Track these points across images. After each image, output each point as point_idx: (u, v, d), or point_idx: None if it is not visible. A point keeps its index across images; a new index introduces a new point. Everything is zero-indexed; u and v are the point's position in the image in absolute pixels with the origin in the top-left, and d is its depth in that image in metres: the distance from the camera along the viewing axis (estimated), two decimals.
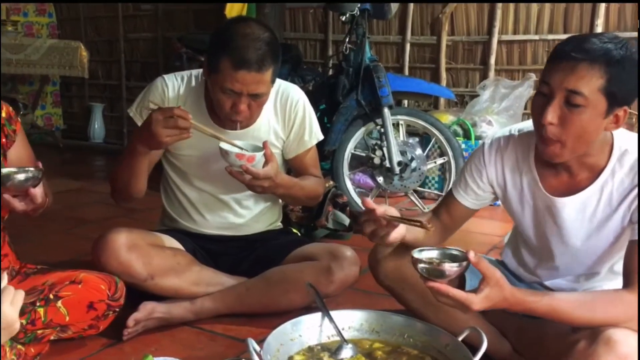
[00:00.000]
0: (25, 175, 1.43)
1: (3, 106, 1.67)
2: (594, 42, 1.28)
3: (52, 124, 5.82)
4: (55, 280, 1.67)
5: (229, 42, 1.71)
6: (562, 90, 1.29)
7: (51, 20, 5.83)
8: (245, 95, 1.74)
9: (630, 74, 1.28)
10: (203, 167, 1.93)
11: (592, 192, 1.42)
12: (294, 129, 1.99)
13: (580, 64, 1.27)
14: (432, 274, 1.25)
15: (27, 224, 1.78)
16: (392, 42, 4.50)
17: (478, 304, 1.25)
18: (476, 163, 1.62)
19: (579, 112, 1.29)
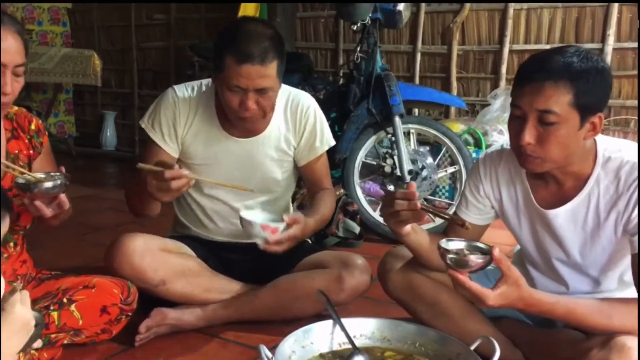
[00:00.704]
0: (53, 183, 1.47)
1: (33, 119, 1.74)
2: (555, 59, 1.32)
3: (65, 131, 5.87)
4: (69, 285, 1.70)
5: (232, 40, 1.74)
6: (533, 111, 1.33)
7: (65, 29, 5.89)
8: (252, 90, 1.74)
9: (595, 84, 1.31)
10: (214, 175, 1.95)
11: (580, 200, 1.45)
12: (305, 135, 1.99)
13: (545, 84, 1.31)
14: (457, 263, 1.29)
15: (40, 231, 1.80)
16: (403, 51, 4.51)
17: (493, 300, 1.27)
18: (473, 179, 1.64)
19: (555, 129, 1.33)
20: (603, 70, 1.33)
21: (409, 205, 1.41)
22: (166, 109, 1.92)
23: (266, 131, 1.95)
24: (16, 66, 1.49)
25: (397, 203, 1.41)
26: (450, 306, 1.65)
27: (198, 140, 1.94)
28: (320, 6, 4.79)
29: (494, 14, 4.18)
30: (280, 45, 1.78)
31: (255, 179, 1.96)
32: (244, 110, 1.77)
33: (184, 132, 1.93)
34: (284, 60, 1.79)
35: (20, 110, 1.72)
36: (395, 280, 1.71)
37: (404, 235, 1.52)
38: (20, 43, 1.51)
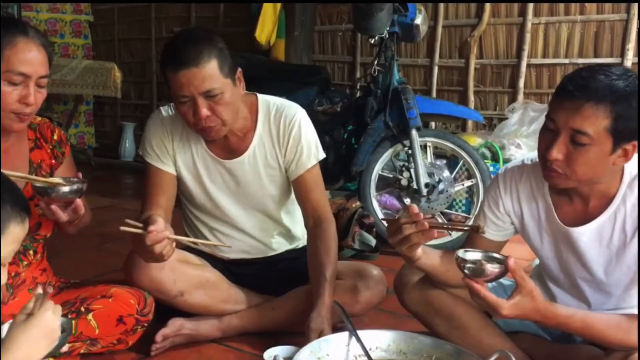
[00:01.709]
0: (70, 187, 1.50)
1: (55, 130, 1.76)
2: (600, 80, 1.27)
3: (84, 142, 5.95)
4: (87, 294, 1.71)
5: (166, 53, 1.72)
6: (567, 129, 1.30)
7: (87, 41, 5.99)
8: (199, 96, 1.68)
9: (636, 110, 1.27)
10: (214, 202, 1.95)
11: (606, 219, 1.42)
12: (289, 147, 1.89)
13: (585, 105, 1.27)
14: (473, 272, 1.30)
15: (60, 240, 1.82)
16: (420, 64, 4.52)
17: (507, 310, 1.28)
18: (492, 195, 1.61)
19: (585, 150, 1.30)
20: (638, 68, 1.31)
21: (417, 227, 1.37)
22: (155, 130, 1.90)
23: (249, 150, 1.90)
24: (40, 78, 1.53)
25: (405, 227, 1.38)
26: (467, 320, 1.64)
27: (187, 159, 1.92)
28: (338, 20, 4.82)
29: (512, 27, 4.17)
30: (215, 43, 1.71)
31: (247, 199, 1.95)
32: (199, 120, 1.72)
33: (174, 149, 1.91)
34: (227, 59, 1.72)
35: (44, 121, 1.75)
36: (412, 293, 1.70)
37: (416, 261, 1.49)
38: (44, 55, 1.54)
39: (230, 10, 5.32)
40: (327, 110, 3.53)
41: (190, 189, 1.95)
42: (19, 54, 1.48)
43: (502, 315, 1.29)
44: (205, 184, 1.94)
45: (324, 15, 4.87)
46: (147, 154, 1.91)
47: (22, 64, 1.48)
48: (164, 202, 1.86)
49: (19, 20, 1.54)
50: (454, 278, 1.55)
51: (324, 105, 3.57)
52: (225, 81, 1.71)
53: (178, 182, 1.95)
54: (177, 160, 1.92)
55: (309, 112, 3.34)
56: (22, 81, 1.49)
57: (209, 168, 1.93)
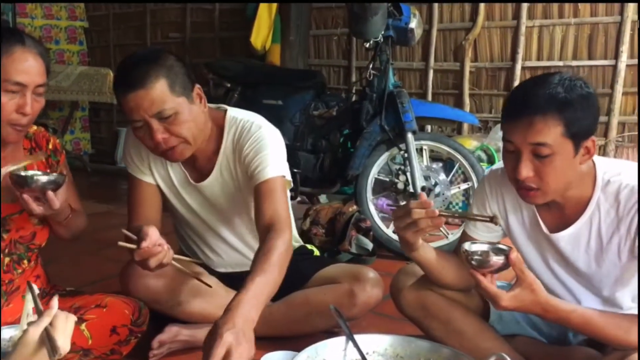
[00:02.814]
0: (46, 178, 1.49)
1: (51, 138, 1.76)
2: (540, 93, 1.31)
3: (80, 148, 5.95)
4: (82, 303, 1.69)
5: (116, 76, 1.69)
6: (526, 145, 1.33)
7: (82, 47, 6.00)
8: (151, 119, 1.62)
9: (583, 110, 1.32)
10: (199, 217, 1.94)
11: (582, 224, 1.45)
12: (249, 158, 1.77)
13: (535, 119, 1.31)
14: (478, 264, 1.32)
15: (56, 246, 1.82)
16: (416, 68, 4.53)
17: (506, 301, 1.30)
18: (480, 197, 1.64)
19: (550, 160, 1.33)
20: (589, 96, 1.33)
21: (427, 213, 1.39)
22: (133, 140, 1.84)
23: (215, 170, 1.85)
24: (37, 86, 1.52)
25: (415, 212, 1.39)
26: (464, 324, 1.64)
27: (165, 176, 1.90)
28: (333, 24, 4.84)
29: (506, 30, 4.19)
30: (165, 63, 1.64)
31: (228, 214, 1.93)
32: (157, 144, 1.66)
33: (150, 164, 1.88)
34: (179, 77, 1.65)
35: (39, 130, 1.74)
36: (408, 298, 1.70)
37: (415, 250, 1.51)
38: (41, 64, 1.54)
39: (225, 15, 5.33)
40: (323, 115, 3.53)
41: (172, 203, 1.94)
42: (16, 63, 1.48)
43: (502, 307, 1.31)
44: (186, 200, 1.92)
45: (319, 20, 4.89)
46: (128, 164, 1.89)
47: (19, 74, 1.47)
48: (149, 214, 1.83)
49: (16, 29, 1.54)
50: (448, 276, 1.59)
51: (320, 110, 3.56)
52: (178, 100, 1.64)
53: (162, 195, 1.93)
54: (155, 176, 1.90)
55: (304, 117, 3.41)
56: (19, 90, 1.49)
57: (186, 187, 1.91)
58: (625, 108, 3.93)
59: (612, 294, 1.49)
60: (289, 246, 1.63)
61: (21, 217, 1.63)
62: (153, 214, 1.85)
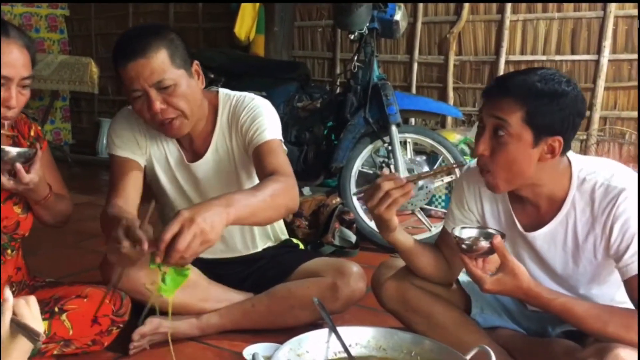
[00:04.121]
0: (17, 151, 1.47)
1: (32, 125, 1.73)
2: (517, 79, 1.36)
3: (61, 138, 5.87)
4: (62, 294, 1.68)
5: (115, 48, 1.70)
6: (490, 119, 1.37)
7: (62, 36, 5.90)
8: (150, 89, 1.63)
9: (551, 105, 1.32)
10: (189, 200, 1.92)
11: (557, 223, 1.45)
12: (245, 127, 1.81)
13: (503, 98, 1.35)
14: (467, 248, 1.37)
15: (37, 237, 1.79)
16: (400, 61, 4.53)
17: (489, 285, 1.35)
18: (458, 193, 1.65)
19: (505, 141, 1.35)
20: (562, 94, 1.33)
21: (395, 183, 1.42)
22: (123, 123, 1.86)
23: (211, 148, 1.87)
24: (22, 79, 1.49)
25: (384, 184, 1.42)
26: (445, 318, 1.64)
27: (161, 158, 1.90)
28: (317, 15, 4.82)
29: (491, 24, 4.21)
30: (167, 36, 1.68)
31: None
32: (154, 114, 1.67)
33: (147, 146, 1.88)
34: (179, 50, 1.68)
35: (20, 117, 1.71)
36: (389, 292, 1.70)
37: (392, 231, 1.53)
38: (26, 56, 1.50)
39: (209, 5, 5.28)
40: (307, 107, 3.52)
41: (162, 185, 1.93)
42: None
43: (485, 290, 1.36)
44: (178, 181, 1.92)
45: (304, 11, 4.87)
46: (114, 145, 1.86)
47: (3, 66, 1.44)
48: (131, 193, 1.80)
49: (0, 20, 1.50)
50: (426, 264, 1.62)
51: (304, 102, 3.55)
52: (178, 72, 1.67)
53: (151, 178, 1.93)
54: (152, 158, 1.90)
55: (288, 108, 3.39)
56: (3, 83, 1.45)
57: (180, 167, 1.91)
58: (607, 103, 3.97)
59: (587, 292, 1.49)
60: (289, 188, 1.61)
61: (5, 207, 1.60)
62: (134, 193, 1.81)
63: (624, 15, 3.82)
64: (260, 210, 1.48)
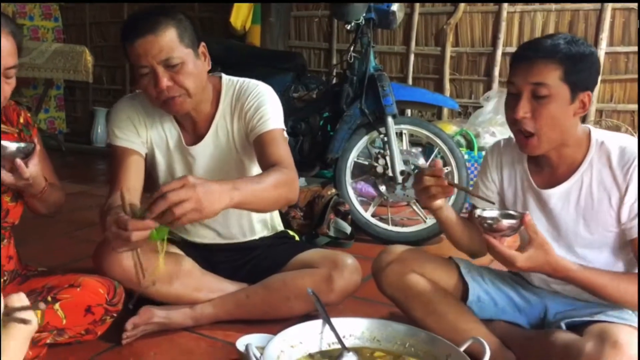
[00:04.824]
0: (17, 146, 1.44)
1: (22, 112, 1.71)
2: (544, 41, 1.45)
3: (55, 127, 5.83)
4: (55, 283, 1.66)
5: (124, 27, 1.71)
6: (527, 85, 1.44)
7: (57, 24, 5.85)
8: (158, 65, 1.66)
9: (583, 62, 1.42)
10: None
11: (573, 182, 1.52)
12: (249, 114, 1.83)
13: (537, 61, 1.42)
14: (491, 228, 1.40)
15: (29, 226, 1.77)
16: (397, 52, 4.51)
17: (521, 262, 1.37)
18: (483, 166, 1.74)
19: (547, 101, 1.43)
20: (591, 54, 1.44)
21: (436, 182, 1.52)
22: (124, 112, 1.87)
23: (211, 131, 1.88)
24: (7, 69, 1.46)
25: (426, 179, 1.53)
26: (444, 305, 1.66)
27: (161, 144, 1.91)
28: (314, 6, 4.78)
29: (488, 16, 4.19)
30: (176, 16, 1.70)
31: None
32: (160, 92, 1.68)
33: (147, 132, 1.89)
34: (187, 31, 1.71)
35: (9, 103, 1.68)
36: (390, 277, 1.72)
37: (435, 210, 1.63)
38: (12, 44, 1.47)
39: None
40: (302, 97, 3.50)
41: (160, 170, 1.93)
42: None
43: (517, 267, 1.39)
44: (175, 165, 1.92)
45: (300, 1, 4.83)
46: (115, 137, 1.86)
47: None
48: (133, 183, 1.80)
49: None
50: (464, 237, 1.69)
51: (300, 92, 3.53)
52: (186, 51, 1.69)
53: (151, 165, 1.93)
54: (152, 143, 1.90)
55: (284, 99, 3.34)
56: None
57: (178, 150, 1.91)
58: (604, 95, 3.97)
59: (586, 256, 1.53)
60: (291, 181, 1.68)
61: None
62: (136, 183, 1.82)
63: (622, 8, 3.81)
64: (261, 199, 1.55)
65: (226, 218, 1.98)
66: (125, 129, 1.86)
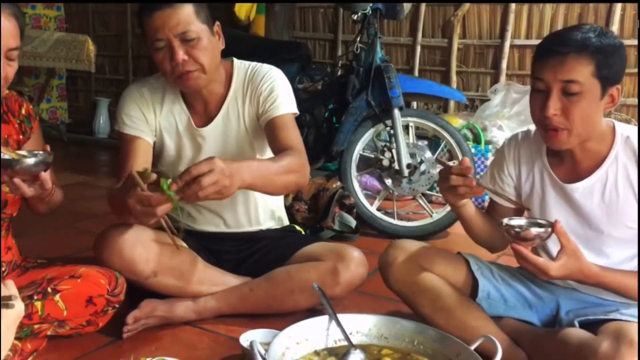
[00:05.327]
0: (35, 159, 1.38)
1: (24, 103, 1.68)
2: (574, 34, 1.39)
3: (57, 117, 5.78)
4: (55, 275, 1.63)
5: (141, 5, 1.74)
6: (557, 83, 1.39)
7: (59, 13, 5.80)
8: (174, 39, 1.68)
9: (614, 56, 1.38)
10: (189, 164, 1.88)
11: (598, 177, 1.49)
12: (262, 97, 1.85)
13: (568, 56, 1.37)
14: (519, 237, 1.36)
15: (29, 217, 1.74)
16: (403, 43, 4.45)
17: (555, 271, 1.35)
18: (499, 158, 1.70)
19: (578, 99, 1.38)
20: (621, 46, 1.41)
21: (464, 182, 1.45)
22: (132, 100, 1.89)
23: (222, 112, 1.88)
24: (9, 50, 1.42)
25: (453, 178, 1.46)
26: (452, 301, 1.63)
27: (170, 128, 1.91)
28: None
29: (496, 7, 4.13)
30: None
31: None
32: (176, 65, 1.70)
33: (156, 118, 1.89)
34: (204, 8, 1.75)
35: (11, 94, 1.65)
36: (397, 272, 1.69)
37: (459, 207, 1.58)
38: (14, 25, 1.44)
39: None
40: (308, 88, 3.45)
41: (168, 155, 1.92)
42: None
43: (550, 277, 1.36)
44: (184, 147, 1.91)
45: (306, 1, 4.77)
46: (123, 124, 1.87)
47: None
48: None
49: None
50: (485, 232, 1.66)
51: (305, 83, 3.49)
52: (202, 27, 1.72)
53: (160, 151, 1.92)
54: (162, 129, 1.91)
55: None
56: None
57: (187, 133, 1.91)
58: None
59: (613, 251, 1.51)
60: (302, 166, 1.73)
61: None
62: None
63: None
64: (272, 182, 1.63)
65: (234, 204, 1.96)
66: (134, 116, 1.87)
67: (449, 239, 2.95)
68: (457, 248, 1.84)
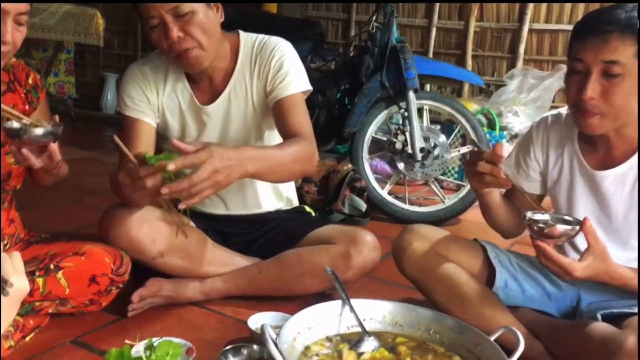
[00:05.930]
0: (44, 130, 1.33)
1: (31, 73, 1.63)
2: (619, 12, 1.32)
3: (64, 92, 5.71)
4: (58, 251, 1.58)
5: None
6: (598, 64, 1.32)
7: None
8: (167, 15, 1.59)
9: None
10: None
11: (631, 165, 1.43)
12: (270, 74, 1.76)
13: (611, 36, 1.30)
14: (543, 233, 1.30)
15: (35, 192, 1.69)
16: (418, 25, 4.36)
17: (580, 272, 1.29)
18: (525, 141, 1.64)
19: (619, 81, 1.31)
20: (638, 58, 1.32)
21: (491, 170, 1.39)
22: (134, 80, 1.80)
23: (228, 88, 1.80)
24: (19, 14, 1.37)
25: (481, 165, 1.40)
26: (468, 289, 1.57)
27: (174, 108, 1.83)
28: None
29: None
30: None
31: (235, 143, 1.83)
32: (172, 43, 1.62)
33: (159, 99, 1.82)
34: None
35: (18, 62, 1.60)
36: (412, 258, 1.64)
37: (483, 194, 1.54)
38: None
39: None
40: (320, 68, 3.38)
41: (174, 135, 1.84)
42: None
43: (574, 277, 1.30)
44: (188, 126, 1.84)
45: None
46: (125, 106, 1.79)
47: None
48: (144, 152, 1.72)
49: None
50: (507, 219, 1.61)
51: (317, 63, 3.41)
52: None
53: (162, 131, 1.85)
54: (164, 109, 1.83)
55: None
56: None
57: (191, 111, 1.83)
58: None
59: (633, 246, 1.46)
60: (310, 155, 1.65)
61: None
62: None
63: None
64: (277, 171, 1.57)
65: (236, 188, 1.89)
66: (135, 97, 1.79)
67: (461, 225, 2.90)
68: (469, 235, 1.78)
